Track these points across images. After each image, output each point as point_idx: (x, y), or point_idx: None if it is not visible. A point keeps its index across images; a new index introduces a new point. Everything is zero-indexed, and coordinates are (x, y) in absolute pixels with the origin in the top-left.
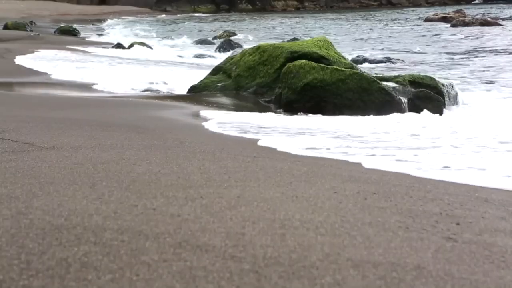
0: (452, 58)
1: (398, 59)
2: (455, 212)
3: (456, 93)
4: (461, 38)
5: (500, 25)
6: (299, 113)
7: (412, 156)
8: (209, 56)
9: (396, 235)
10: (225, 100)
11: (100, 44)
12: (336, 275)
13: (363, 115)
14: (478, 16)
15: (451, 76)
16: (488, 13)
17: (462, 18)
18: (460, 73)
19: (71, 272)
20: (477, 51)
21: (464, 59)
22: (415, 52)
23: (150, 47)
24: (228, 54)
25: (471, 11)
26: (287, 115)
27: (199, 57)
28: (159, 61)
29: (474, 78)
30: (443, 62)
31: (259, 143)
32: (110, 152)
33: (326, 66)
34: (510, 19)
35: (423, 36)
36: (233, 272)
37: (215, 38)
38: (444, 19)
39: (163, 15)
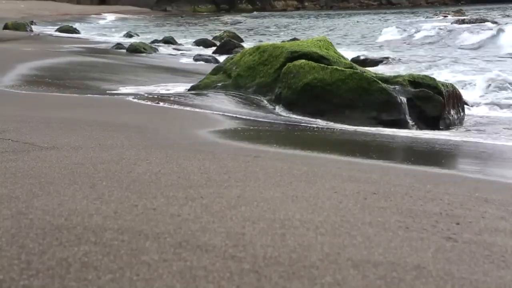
0: (452, 58)
1: (398, 59)
2: (455, 212)
3: (458, 94)
4: (461, 38)
5: (498, 24)
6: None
7: None
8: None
9: (396, 235)
10: (224, 98)
11: (101, 43)
12: (336, 275)
13: (363, 115)
14: (477, 16)
15: (450, 75)
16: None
17: (461, 18)
18: (460, 73)
19: (71, 272)
20: (476, 50)
21: (465, 59)
22: (415, 52)
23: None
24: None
25: (471, 11)
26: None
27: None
28: None
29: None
30: (443, 62)
31: None
32: (110, 152)
33: (326, 66)
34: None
35: (423, 36)
36: (233, 272)
37: (215, 38)
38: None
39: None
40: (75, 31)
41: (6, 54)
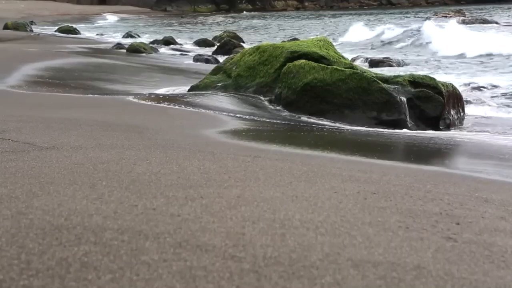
0: (451, 59)
1: (398, 59)
2: (455, 212)
3: (458, 94)
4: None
5: (498, 23)
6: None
7: None
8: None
9: (396, 235)
10: (224, 98)
11: (101, 43)
12: (336, 275)
13: (363, 115)
14: (478, 16)
15: (449, 76)
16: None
17: (462, 18)
18: (459, 73)
19: (71, 272)
20: (476, 51)
21: (464, 59)
22: (415, 52)
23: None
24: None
25: (471, 11)
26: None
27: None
28: None
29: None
30: (442, 62)
31: None
32: (110, 152)
33: (326, 66)
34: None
35: (422, 35)
36: (233, 272)
37: (215, 38)
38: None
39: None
40: (75, 31)
41: (7, 54)
